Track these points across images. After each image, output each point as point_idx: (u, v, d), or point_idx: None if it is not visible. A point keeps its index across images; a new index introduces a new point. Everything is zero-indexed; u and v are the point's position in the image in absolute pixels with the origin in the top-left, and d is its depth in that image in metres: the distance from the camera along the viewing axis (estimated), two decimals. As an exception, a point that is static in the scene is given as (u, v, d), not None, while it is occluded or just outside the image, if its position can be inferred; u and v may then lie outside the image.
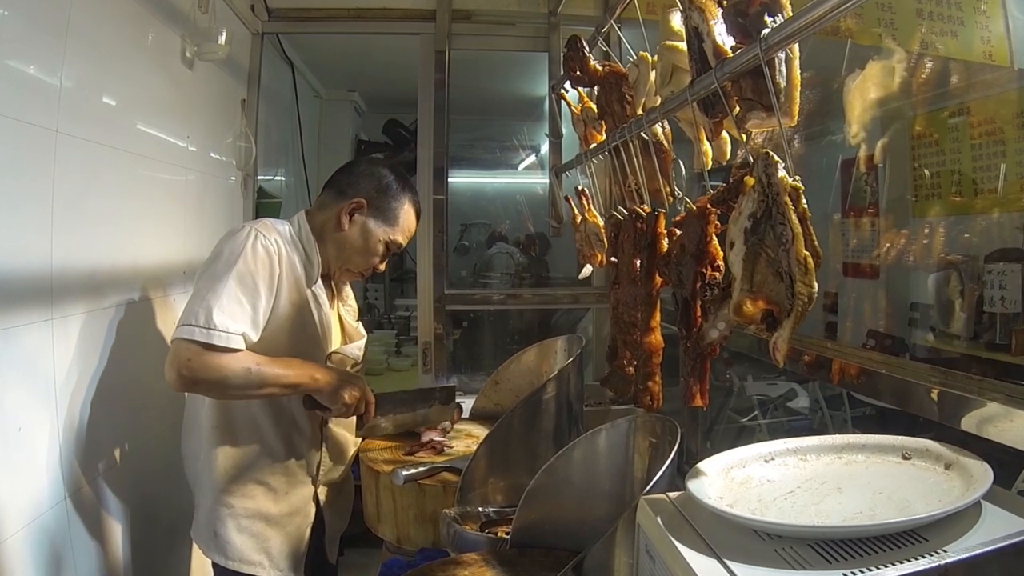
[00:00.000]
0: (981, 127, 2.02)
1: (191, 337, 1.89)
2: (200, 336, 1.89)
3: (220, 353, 1.91)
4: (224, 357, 1.92)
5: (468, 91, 4.39)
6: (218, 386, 1.96)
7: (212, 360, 1.90)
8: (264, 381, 1.98)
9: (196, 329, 1.89)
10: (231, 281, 1.97)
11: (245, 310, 1.98)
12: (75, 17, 1.98)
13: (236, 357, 1.94)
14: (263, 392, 2.03)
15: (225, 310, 1.93)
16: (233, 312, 1.95)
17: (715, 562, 1.05)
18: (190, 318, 1.91)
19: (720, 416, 3.16)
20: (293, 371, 2.05)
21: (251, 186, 3.58)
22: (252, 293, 2.00)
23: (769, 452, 1.35)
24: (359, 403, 2.19)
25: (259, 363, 1.98)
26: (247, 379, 1.95)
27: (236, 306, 1.96)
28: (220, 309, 1.92)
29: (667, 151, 1.79)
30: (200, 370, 1.90)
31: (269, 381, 1.99)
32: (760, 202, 1.13)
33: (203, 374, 1.90)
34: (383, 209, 2.25)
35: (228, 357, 1.92)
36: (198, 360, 1.89)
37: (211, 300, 1.92)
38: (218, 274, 1.98)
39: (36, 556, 1.83)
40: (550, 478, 1.77)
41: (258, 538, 2.16)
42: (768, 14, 1.15)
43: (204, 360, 1.90)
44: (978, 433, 1.37)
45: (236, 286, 1.97)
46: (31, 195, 1.85)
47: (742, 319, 1.16)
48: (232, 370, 1.93)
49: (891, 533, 1.04)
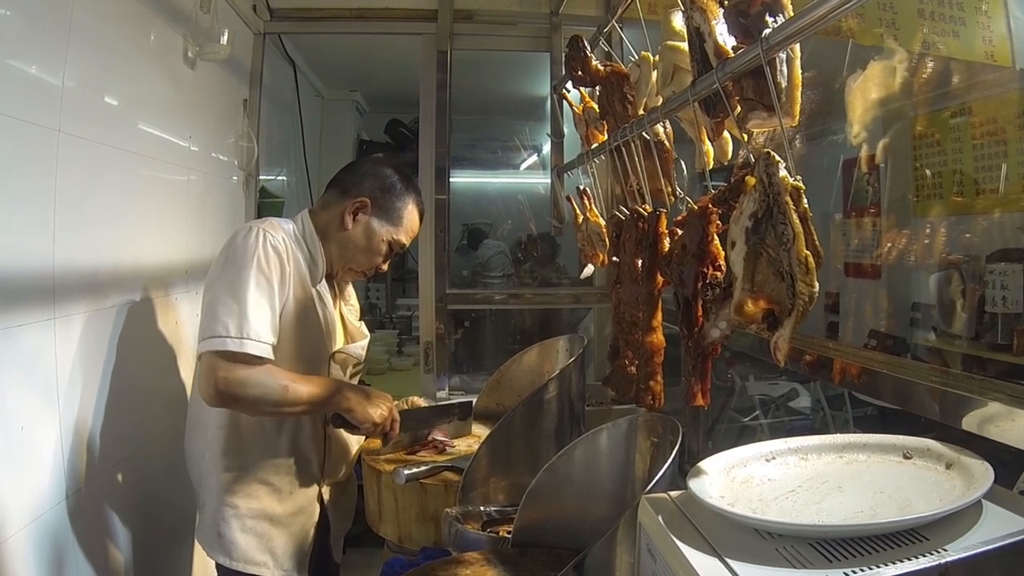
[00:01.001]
0: (983, 127, 2.02)
1: (223, 348, 1.87)
2: (233, 347, 1.88)
3: (254, 366, 1.90)
4: (259, 374, 1.90)
5: (470, 91, 4.40)
6: (257, 403, 1.95)
7: (249, 377, 1.89)
8: (300, 399, 1.98)
9: (228, 340, 1.88)
10: (251, 287, 1.95)
11: (269, 316, 1.97)
12: (77, 17, 1.98)
13: (271, 373, 1.93)
14: (296, 410, 2.02)
15: (253, 317, 1.92)
16: (260, 319, 1.94)
17: (716, 561, 1.06)
18: (218, 328, 1.89)
19: (722, 416, 3.16)
20: (326, 390, 2.05)
21: (253, 186, 3.58)
22: (270, 297, 1.99)
23: (770, 451, 1.35)
24: (386, 422, 2.19)
25: (294, 380, 1.97)
26: (284, 397, 1.95)
27: (262, 313, 1.95)
28: (249, 317, 1.91)
29: (669, 151, 1.80)
30: (237, 386, 1.89)
31: (304, 399, 1.99)
32: (761, 202, 1.13)
33: (241, 391, 1.90)
34: (387, 209, 2.24)
35: (262, 374, 1.91)
36: (234, 376, 1.88)
37: (237, 308, 1.91)
38: (237, 280, 1.96)
39: (38, 555, 1.83)
40: (552, 477, 1.77)
41: (263, 538, 2.15)
42: (769, 14, 1.16)
43: (239, 376, 1.89)
44: (979, 433, 1.37)
45: (256, 292, 1.96)
46: (33, 195, 1.85)
47: (743, 318, 1.16)
48: (270, 388, 1.92)
49: (892, 532, 1.04)
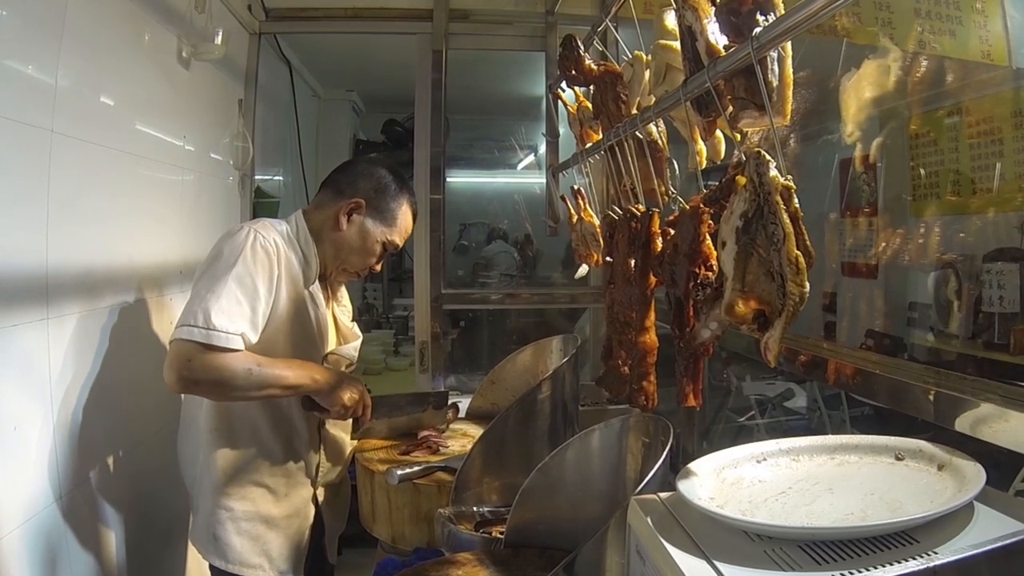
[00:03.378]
0: (978, 126, 2.02)
1: (190, 337, 1.88)
2: (199, 336, 1.88)
3: (220, 353, 1.90)
4: (224, 357, 1.91)
5: (466, 91, 4.40)
6: (219, 387, 1.95)
7: (212, 360, 1.89)
8: (265, 382, 1.98)
9: (195, 329, 1.88)
10: (230, 282, 1.96)
11: (244, 311, 1.97)
12: (71, 17, 1.97)
13: (236, 357, 1.93)
14: (263, 393, 2.02)
15: (224, 311, 1.91)
16: (232, 313, 1.93)
17: (704, 563, 1.05)
18: (188, 319, 1.90)
19: (718, 416, 3.16)
20: (293, 372, 2.05)
21: (248, 186, 3.58)
22: (251, 294, 1.99)
23: (761, 452, 1.35)
24: (357, 405, 2.20)
25: (260, 363, 1.97)
26: (248, 380, 1.94)
27: (235, 306, 1.95)
28: (219, 310, 1.91)
29: (662, 150, 1.79)
30: (200, 370, 1.89)
31: (270, 382, 1.99)
32: (751, 201, 1.12)
33: (203, 374, 1.89)
34: (381, 210, 2.25)
35: (228, 357, 1.91)
36: (198, 360, 1.88)
37: (210, 301, 1.91)
38: (217, 275, 1.97)
39: (31, 556, 1.83)
40: (544, 478, 1.76)
41: (258, 540, 2.16)
42: (760, 12, 1.15)
43: (204, 360, 1.89)
44: (972, 434, 1.37)
45: (235, 287, 1.96)
46: (27, 195, 1.85)
47: (733, 319, 1.15)
48: (233, 370, 1.92)
49: (882, 534, 1.04)
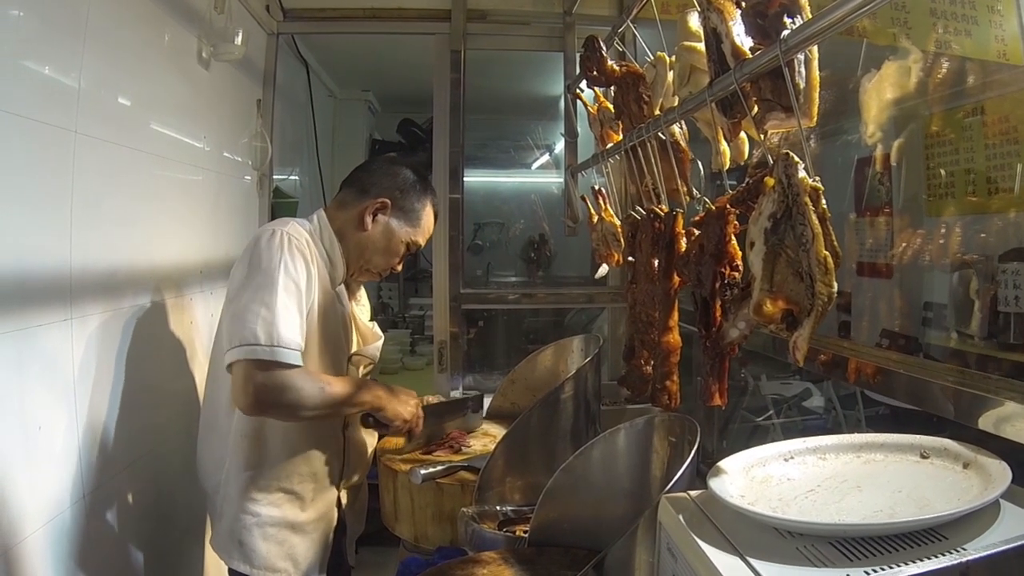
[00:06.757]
0: (996, 126, 2.01)
1: (255, 356, 1.84)
2: (264, 355, 1.85)
3: (287, 371, 1.87)
4: (294, 377, 1.87)
5: (483, 91, 4.39)
6: (295, 407, 1.91)
7: (284, 380, 1.86)
8: (336, 400, 1.97)
9: (259, 348, 1.85)
10: (280, 292, 1.92)
11: (297, 320, 1.94)
12: (93, 18, 1.99)
13: (305, 377, 1.90)
14: (331, 412, 2.01)
15: (283, 324, 1.88)
16: (290, 325, 1.90)
17: (738, 559, 1.06)
18: (248, 336, 1.86)
19: (735, 415, 3.16)
20: (359, 390, 2.04)
21: (267, 186, 3.59)
22: (298, 300, 1.96)
23: (789, 451, 1.36)
24: (415, 419, 2.20)
25: (329, 382, 1.96)
26: (322, 399, 1.93)
27: (291, 318, 1.92)
28: (279, 324, 1.87)
29: (685, 151, 1.80)
30: (276, 392, 1.86)
31: (340, 399, 1.98)
32: (780, 203, 1.13)
33: (279, 397, 1.87)
34: (406, 209, 2.23)
35: (298, 377, 1.88)
36: (271, 382, 1.85)
37: (267, 315, 1.88)
38: (264, 285, 1.92)
39: (55, 554, 1.84)
40: (568, 477, 1.77)
41: (284, 545, 2.13)
42: (788, 15, 1.16)
43: (276, 381, 1.86)
44: (995, 432, 1.37)
45: (285, 297, 1.92)
46: (50, 195, 1.86)
47: (762, 319, 1.17)
48: (308, 392, 1.90)
49: (911, 531, 1.05)
